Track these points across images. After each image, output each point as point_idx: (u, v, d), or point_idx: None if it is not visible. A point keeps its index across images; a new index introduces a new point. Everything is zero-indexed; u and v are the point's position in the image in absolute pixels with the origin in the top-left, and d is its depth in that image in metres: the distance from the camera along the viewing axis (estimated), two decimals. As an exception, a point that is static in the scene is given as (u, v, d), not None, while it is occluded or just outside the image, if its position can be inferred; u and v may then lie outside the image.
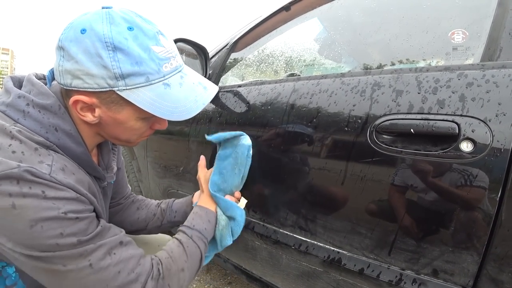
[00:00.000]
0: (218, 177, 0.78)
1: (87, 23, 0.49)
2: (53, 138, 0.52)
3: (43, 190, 0.46)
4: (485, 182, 0.58)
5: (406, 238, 0.67)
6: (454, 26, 0.78)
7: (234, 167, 0.77)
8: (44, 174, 0.47)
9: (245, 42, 1.23)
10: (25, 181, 0.45)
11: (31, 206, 0.45)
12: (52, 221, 0.47)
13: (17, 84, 0.56)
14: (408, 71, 0.70)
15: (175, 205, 0.90)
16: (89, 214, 0.52)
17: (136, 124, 0.58)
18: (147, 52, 0.51)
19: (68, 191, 0.49)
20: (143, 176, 1.60)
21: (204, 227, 0.72)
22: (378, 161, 0.68)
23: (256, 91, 0.99)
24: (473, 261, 0.60)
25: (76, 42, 0.48)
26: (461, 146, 0.60)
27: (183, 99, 0.55)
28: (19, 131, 0.49)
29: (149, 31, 0.52)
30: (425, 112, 0.64)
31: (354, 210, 0.75)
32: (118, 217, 0.89)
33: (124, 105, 0.53)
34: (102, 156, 0.70)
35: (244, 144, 0.77)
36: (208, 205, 0.78)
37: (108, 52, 0.48)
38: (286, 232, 0.89)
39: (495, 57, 0.64)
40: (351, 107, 0.74)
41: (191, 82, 0.58)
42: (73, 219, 0.49)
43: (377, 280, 0.71)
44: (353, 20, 1.08)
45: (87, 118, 0.54)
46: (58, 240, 0.47)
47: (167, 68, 0.54)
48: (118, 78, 0.49)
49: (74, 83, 0.50)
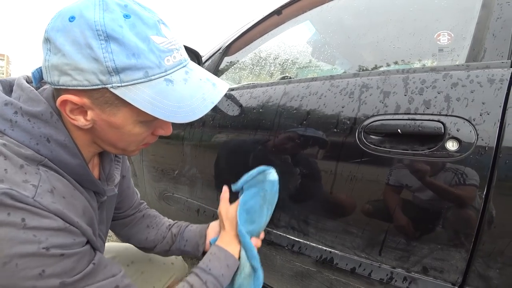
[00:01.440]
0: (245, 218, 0.70)
1: (77, 10, 0.41)
2: (44, 151, 0.46)
3: (23, 218, 0.39)
4: (471, 180, 0.59)
5: (396, 236, 0.68)
6: (440, 28, 0.80)
7: (263, 206, 0.70)
8: (27, 197, 0.40)
9: (237, 46, 1.25)
10: (3, 206, 0.38)
11: (6, 238, 0.38)
12: (30, 258, 0.39)
13: (7, 88, 0.50)
14: (395, 73, 0.72)
15: (187, 232, 0.81)
16: (78, 249, 0.45)
17: (134, 129, 0.49)
18: (146, 43, 0.43)
19: (54, 219, 0.42)
20: (139, 180, 1.60)
21: (222, 272, 0.62)
22: (367, 161, 0.70)
23: (248, 94, 1.00)
24: (462, 258, 0.61)
25: (64, 31, 0.41)
26: (447, 145, 0.61)
27: (188, 97, 0.47)
28: (3, 145, 0.42)
29: (149, 19, 0.44)
30: (411, 113, 0.65)
31: (345, 210, 0.76)
32: (126, 231, 0.81)
33: (120, 106, 0.45)
34: (103, 165, 0.61)
35: (271, 180, 0.70)
36: (229, 246, 0.67)
37: (99, 42, 0.40)
38: (280, 233, 0.90)
39: (479, 57, 0.66)
40: (340, 108, 0.75)
41: (198, 78, 0.50)
42: (57, 256, 0.41)
43: (369, 278, 0.72)
44: (344, 22, 1.10)
45: (79, 122, 0.46)
46: (37, 282, 0.40)
47: (170, 62, 0.46)
48: (112, 73, 0.41)
49: (62, 80, 0.42)
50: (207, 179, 1.13)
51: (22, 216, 0.39)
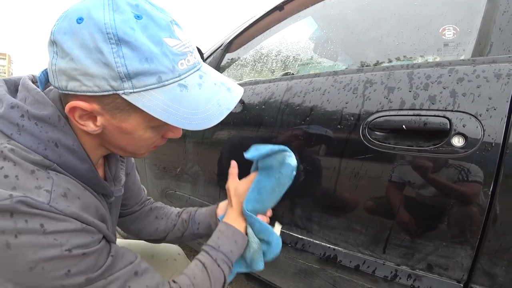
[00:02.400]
0: (255, 197, 0.69)
1: (85, 10, 0.39)
2: (53, 156, 0.45)
3: (41, 224, 0.39)
4: (477, 177, 0.58)
5: (401, 234, 0.68)
6: (445, 22, 0.79)
7: (275, 188, 0.69)
8: (42, 204, 0.40)
9: (239, 43, 1.24)
10: (20, 214, 0.38)
11: (28, 244, 0.39)
12: (55, 261, 0.40)
13: (12, 88, 0.49)
14: (399, 68, 0.71)
15: (198, 216, 0.81)
16: (97, 246, 0.46)
17: (145, 134, 0.48)
18: (159, 46, 0.41)
19: (72, 222, 0.42)
20: (141, 177, 1.60)
21: (230, 249, 0.64)
22: (371, 158, 0.69)
23: (251, 90, 0.99)
24: (467, 255, 0.61)
25: (71, 34, 0.39)
26: (453, 141, 0.60)
27: (203, 103, 0.45)
28: (11, 150, 0.41)
29: (162, 20, 0.42)
30: (416, 108, 0.64)
31: (349, 207, 0.75)
32: (135, 226, 0.82)
33: (131, 112, 0.44)
34: (109, 166, 0.61)
35: (290, 164, 0.67)
36: (235, 223, 0.68)
37: (110, 46, 0.39)
38: (282, 230, 0.89)
39: (485, 52, 0.65)
40: (344, 104, 0.74)
41: (212, 83, 0.48)
42: (80, 255, 0.42)
43: (373, 276, 0.72)
44: (346, 17, 1.09)
45: (88, 128, 0.45)
46: (64, 281, 0.41)
47: (184, 66, 0.44)
48: (124, 79, 0.40)
49: (70, 86, 0.41)
50: (210, 176, 1.13)
51: (40, 222, 0.40)
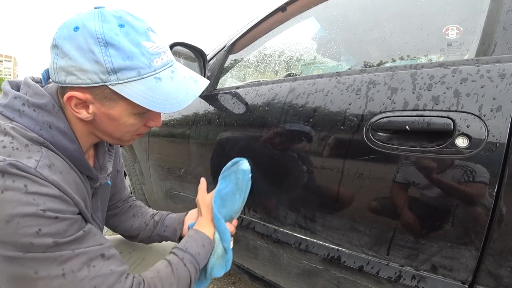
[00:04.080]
0: (219, 203, 0.77)
1: (80, 21, 0.51)
2: (46, 135, 0.54)
3: (25, 184, 0.46)
4: (481, 177, 0.58)
5: (405, 234, 0.68)
6: (448, 22, 0.78)
7: (235, 192, 0.78)
8: (29, 168, 0.47)
9: (242, 44, 1.24)
10: (9, 174, 0.45)
11: (10, 200, 0.45)
12: (30, 218, 0.45)
13: (15, 87, 0.58)
14: (403, 68, 0.71)
15: (168, 220, 0.88)
16: (70, 215, 0.51)
17: (129, 120, 0.58)
18: (138, 47, 0.52)
19: (51, 188, 0.49)
20: (145, 178, 1.61)
21: (198, 251, 0.69)
22: (374, 158, 0.69)
23: (254, 92, 1.00)
24: (472, 256, 0.60)
25: (70, 39, 0.50)
26: (457, 141, 0.60)
27: (174, 91, 0.56)
28: (12, 128, 0.50)
29: (140, 27, 0.54)
30: (420, 109, 0.64)
31: (352, 207, 0.75)
32: (114, 221, 0.89)
33: (117, 100, 0.54)
34: (97, 156, 0.70)
35: (243, 169, 0.78)
36: (205, 229, 0.75)
37: (100, 48, 0.50)
38: (286, 231, 0.90)
39: (489, 52, 0.64)
40: (347, 105, 0.74)
41: (182, 76, 0.59)
42: (52, 218, 0.47)
43: (377, 277, 0.72)
44: (349, 18, 1.09)
45: (82, 115, 0.55)
46: (33, 239, 0.46)
47: (158, 63, 0.55)
48: (110, 73, 0.51)
49: (68, 80, 0.51)
50: (213, 177, 1.13)
51: (24, 182, 0.46)
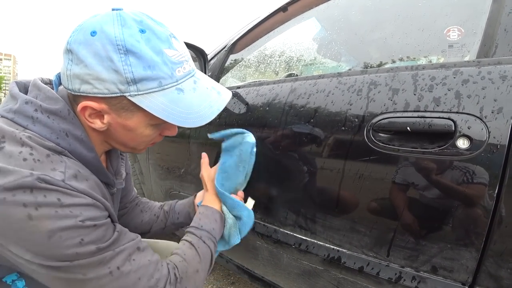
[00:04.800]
0: (222, 175, 0.78)
1: (98, 25, 0.47)
2: (64, 144, 0.51)
3: (58, 198, 0.45)
4: (482, 179, 0.58)
5: (405, 235, 0.68)
6: (449, 23, 0.78)
7: (238, 164, 0.77)
8: (58, 181, 0.45)
9: (243, 44, 1.24)
10: (39, 190, 0.44)
11: (47, 215, 0.44)
12: (71, 230, 0.45)
13: (22, 89, 0.55)
14: (404, 69, 0.71)
15: (178, 206, 0.89)
16: (105, 220, 0.51)
17: (145, 131, 0.55)
18: (160, 56, 0.49)
19: (84, 197, 0.48)
20: (145, 178, 1.61)
21: (212, 226, 0.71)
22: (375, 159, 0.69)
23: (255, 92, 1.00)
24: (472, 257, 0.60)
25: (86, 44, 0.46)
26: (458, 143, 0.60)
27: (196, 105, 0.53)
28: (29, 137, 0.47)
29: (162, 33, 0.50)
30: (421, 110, 0.64)
31: (353, 208, 0.75)
32: (123, 220, 0.88)
33: (135, 111, 0.51)
34: (111, 162, 0.68)
35: (248, 141, 0.77)
36: (213, 204, 0.77)
37: (119, 56, 0.46)
38: (287, 231, 0.90)
39: (490, 53, 0.64)
40: (348, 106, 0.74)
41: (205, 87, 0.56)
42: (91, 226, 0.48)
43: (377, 277, 0.72)
44: (350, 19, 1.09)
45: (96, 125, 0.53)
46: (78, 249, 0.46)
47: (180, 73, 0.52)
48: (130, 83, 0.47)
49: (83, 88, 0.48)
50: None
51: (57, 196, 0.45)
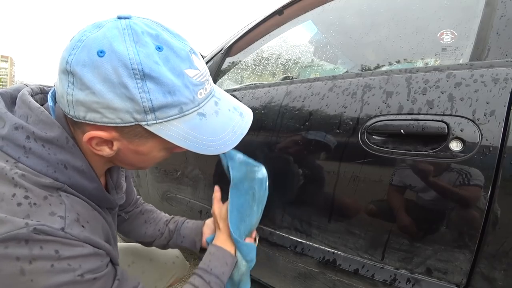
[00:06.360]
0: (236, 217, 0.70)
1: (106, 42, 0.38)
2: (62, 178, 0.45)
3: (56, 250, 0.40)
4: (475, 181, 0.58)
5: (400, 237, 0.68)
6: (443, 27, 0.79)
7: (253, 204, 0.70)
8: (58, 230, 0.40)
9: (239, 47, 1.24)
10: (36, 242, 0.38)
11: (42, 270, 0.39)
12: (68, 286, 0.41)
13: (9, 101, 0.48)
14: (398, 72, 0.71)
15: (184, 230, 0.84)
16: (106, 270, 0.47)
17: (158, 154, 0.50)
18: (181, 78, 0.42)
19: (85, 247, 0.43)
20: (142, 181, 1.60)
21: (222, 271, 0.66)
22: (369, 162, 0.69)
23: (250, 95, 1.00)
24: (466, 259, 0.61)
25: (92, 67, 0.38)
26: (451, 145, 0.60)
27: (220, 130, 0.47)
28: (22, 176, 0.41)
29: (181, 50, 0.43)
30: (415, 113, 0.65)
31: (348, 211, 0.75)
32: (125, 226, 0.84)
33: (149, 138, 0.45)
34: (111, 175, 0.62)
35: (261, 178, 0.70)
36: (225, 245, 0.70)
37: (135, 82, 0.39)
38: (282, 233, 0.90)
39: (483, 56, 0.65)
40: (343, 109, 0.75)
41: (227, 109, 0.50)
42: (91, 280, 0.43)
43: (372, 280, 0.72)
44: (345, 22, 1.10)
45: (103, 152, 0.46)
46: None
47: (202, 95, 0.45)
48: (148, 112, 0.40)
49: (89, 117, 0.41)
50: (210, 180, 1.13)
51: (55, 248, 0.40)
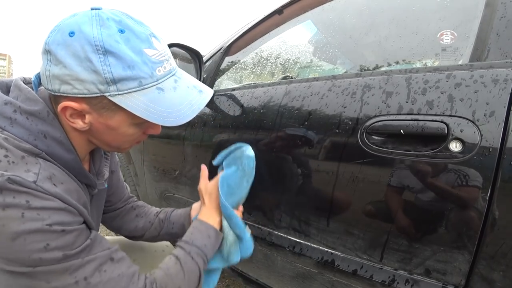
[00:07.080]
0: (226, 190, 0.74)
1: (76, 25, 0.46)
2: (42, 146, 0.50)
3: (27, 200, 0.44)
4: (474, 181, 0.58)
5: (398, 238, 0.68)
6: (443, 27, 0.79)
7: (242, 178, 0.75)
8: (30, 182, 0.45)
9: (239, 46, 1.24)
10: (9, 191, 0.43)
11: (14, 217, 0.43)
12: (36, 234, 0.44)
13: (4, 89, 0.54)
14: (398, 73, 0.71)
15: (173, 216, 0.86)
16: (77, 226, 0.50)
17: (128, 130, 0.55)
18: (140, 56, 0.49)
19: (54, 201, 0.47)
20: (140, 180, 1.60)
21: (204, 243, 0.68)
22: (369, 162, 0.69)
23: (250, 94, 1.00)
24: (465, 260, 0.61)
25: (64, 45, 0.46)
26: (450, 146, 0.60)
27: (177, 103, 0.53)
28: (5, 139, 0.47)
29: (141, 33, 0.50)
30: (414, 113, 0.64)
31: (347, 211, 0.75)
32: (117, 222, 0.86)
33: (116, 111, 0.51)
34: (93, 162, 0.67)
35: (249, 155, 0.75)
36: (209, 219, 0.73)
37: (98, 56, 0.46)
38: (281, 234, 0.89)
39: (483, 57, 0.65)
40: (342, 109, 0.74)
41: (186, 86, 0.56)
42: (59, 231, 0.46)
43: (371, 280, 0.72)
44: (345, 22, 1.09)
45: (77, 125, 0.52)
46: (42, 255, 0.45)
47: (161, 72, 0.52)
48: (110, 83, 0.47)
49: (62, 89, 0.48)
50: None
51: (26, 198, 0.44)
